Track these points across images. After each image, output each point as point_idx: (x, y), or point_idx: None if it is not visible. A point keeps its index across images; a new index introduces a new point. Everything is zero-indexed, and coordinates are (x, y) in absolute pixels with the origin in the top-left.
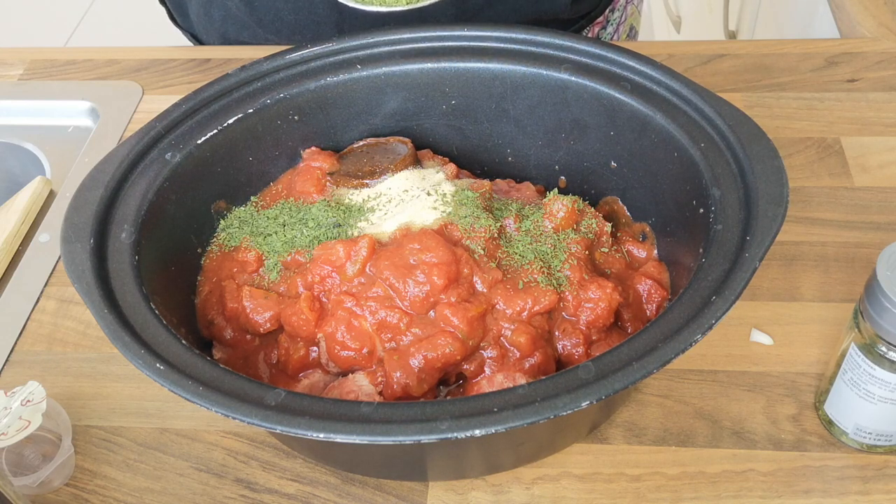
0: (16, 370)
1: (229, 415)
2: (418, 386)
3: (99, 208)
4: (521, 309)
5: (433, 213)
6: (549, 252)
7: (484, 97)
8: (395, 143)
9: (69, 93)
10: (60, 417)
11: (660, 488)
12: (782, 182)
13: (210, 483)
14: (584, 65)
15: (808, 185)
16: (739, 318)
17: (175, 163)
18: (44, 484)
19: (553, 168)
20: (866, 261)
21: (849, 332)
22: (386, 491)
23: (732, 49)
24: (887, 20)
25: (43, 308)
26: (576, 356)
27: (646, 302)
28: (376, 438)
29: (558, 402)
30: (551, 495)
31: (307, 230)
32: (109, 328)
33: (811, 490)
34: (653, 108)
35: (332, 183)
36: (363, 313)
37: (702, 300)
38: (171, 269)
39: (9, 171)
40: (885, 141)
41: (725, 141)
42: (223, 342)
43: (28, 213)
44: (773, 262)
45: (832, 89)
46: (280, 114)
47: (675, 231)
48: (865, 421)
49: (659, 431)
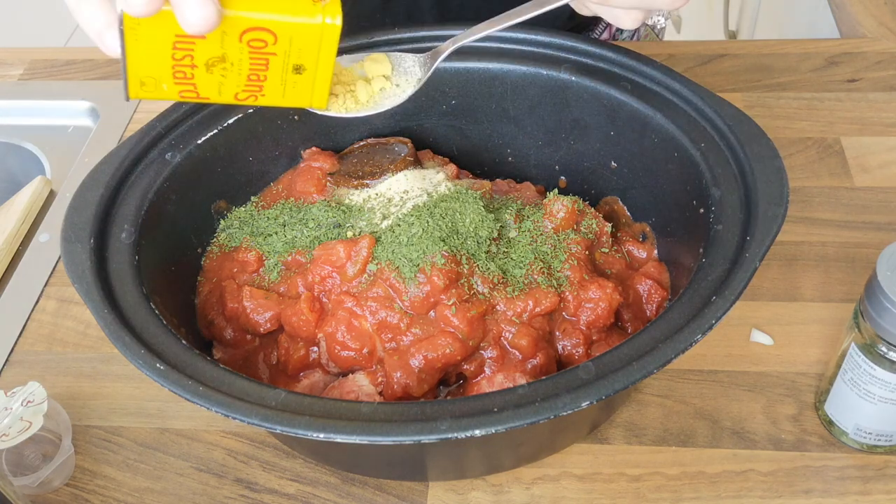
0: (16, 370)
1: (229, 415)
2: (418, 386)
3: (99, 208)
4: (522, 310)
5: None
6: (549, 252)
7: (484, 97)
8: (395, 143)
9: (69, 93)
10: (60, 417)
11: (660, 488)
12: (782, 182)
13: (210, 483)
14: (584, 65)
15: (809, 185)
16: (739, 318)
17: (175, 163)
18: (44, 484)
19: (553, 168)
20: (866, 261)
21: (849, 332)
22: (386, 491)
23: (732, 49)
24: (887, 20)
25: (43, 308)
26: (576, 356)
27: (646, 302)
28: (376, 438)
29: (558, 402)
30: (551, 495)
31: (307, 230)
32: (109, 328)
33: (811, 490)
34: (653, 108)
35: (333, 183)
36: (363, 313)
37: (702, 300)
38: (172, 269)
39: (9, 171)
40: (885, 141)
41: (725, 141)
42: (223, 342)
43: (28, 213)
44: (773, 262)
45: (832, 89)
46: (280, 114)
47: (676, 231)
48: (865, 421)
49: (659, 431)
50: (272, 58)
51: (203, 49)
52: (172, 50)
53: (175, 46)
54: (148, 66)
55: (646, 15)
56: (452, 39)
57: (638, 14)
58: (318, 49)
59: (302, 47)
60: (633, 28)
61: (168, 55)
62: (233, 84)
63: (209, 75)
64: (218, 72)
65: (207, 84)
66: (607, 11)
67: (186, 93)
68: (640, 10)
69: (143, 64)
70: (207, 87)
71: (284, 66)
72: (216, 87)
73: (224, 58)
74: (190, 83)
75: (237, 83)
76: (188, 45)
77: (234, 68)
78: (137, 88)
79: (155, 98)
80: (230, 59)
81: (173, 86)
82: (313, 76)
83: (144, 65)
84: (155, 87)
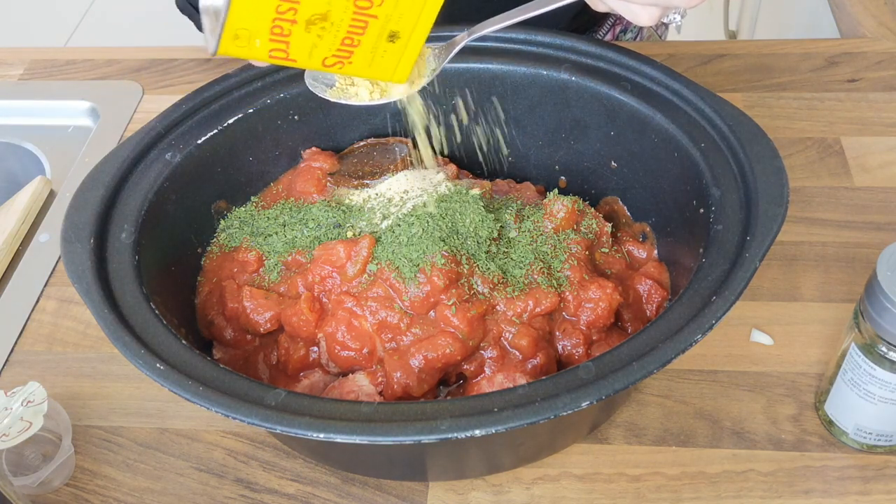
0: (16, 370)
1: (229, 415)
2: (418, 386)
3: (99, 208)
4: (522, 310)
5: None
6: (549, 252)
7: (484, 97)
8: (395, 143)
9: (69, 93)
10: (60, 417)
11: (660, 488)
12: (782, 182)
13: (210, 483)
14: (584, 65)
15: (809, 185)
16: (739, 318)
17: (175, 163)
18: (44, 484)
19: (553, 168)
20: (866, 261)
21: (849, 332)
22: (386, 491)
23: (732, 49)
24: (887, 20)
25: (43, 308)
26: (576, 356)
27: (646, 302)
28: (376, 438)
29: (558, 402)
30: (551, 495)
31: (307, 230)
32: (109, 328)
33: (811, 490)
34: (653, 108)
35: (333, 183)
36: (363, 313)
37: (702, 300)
38: (172, 269)
39: (9, 171)
40: (885, 141)
41: (726, 141)
42: (223, 342)
43: (28, 213)
44: (773, 262)
45: (832, 89)
46: (280, 114)
47: (676, 231)
48: (866, 421)
49: (659, 431)
50: (372, 21)
51: (309, 3)
52: (279, 1)
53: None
54: (250, 16)
55: (663, 12)
56: (468, 31)
57: (655, 10)
58: (418, 16)
59: (404, 13)
60: (650, 25)
61: (273, 6)
62: (326, 46)
63: (306, 34)
64: (316, 31)
65: (301, 44)
66: (624, 7)
67: (276, 52)
68: (658, 7)
69: (245, 13)
70: (300, 48)
71: (381, 31)
72: (308, 49)
73: (326, 16)
74: (284, 41)
75: (331, 46)
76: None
77: (332, 28)
78: (229, 42)
79: (241, 55)
80: (332, 17)
81: (267, 42)
82: (404, 46)
83: (246, 14)
84: (248, 42)
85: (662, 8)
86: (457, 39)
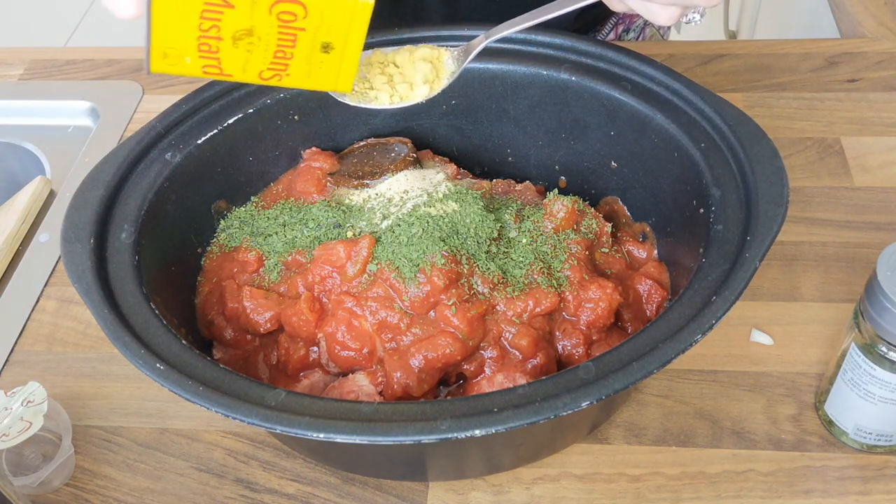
0: (16, 370)
1: (229, 415)
2: (418, 386)
3: (99, 208)
4: (522, 310)
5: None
6: (549, 252)
7: (484, 97)
8: (395, 143)
9: (69, 93)
10: (60, 417)
11: (660, 488)
12: (782, 182)
13: (210, 483)
14: (584, 65)
15: (809, 185)
16: (739, 318)
17: (175, 163)
18: (44, 484)
19: (553, 168)
20: (866, 261)
21: (849, 332)
22: (386, 491)
23: (732, 49)
24: (887, 20)
25: (43, 308)
26: (576, 356)
27: (646, 302)
28: (376, 438)
29: (558, 402)
30: (551, 495)
31: (307, 230)
32: (109, 328)
33: (811, 490)
34: (653, 108)
35: (333, 183)
36: (363, 313)
37: (702, 300)
38: (172, 269)
39: (9, 171)
40: (885, 141)
41: (726, 141)
42: (223, 342)
43: (28, 213)
44: (773, 262)
45: (832, 89)
46: (280, 114)
47: (676, 231)
48: (866, 421)
49: (659, 431)
50: (301, 34)
51: (231, 20)
52: (200, 19)
53: (203, 15)
54: (173, 35)
55: (682, 11)
56: (485, 34)
57: (675, 10)
58: (348, 27)
59: (332, 23)
60: (670, 24)
61: (195, 24)
62: (258, 61)
63: (235, 50)
64: (244, 46)
65: (232, 59)
66: (643, 6)
67: (209, 69)
68: (678, 7)
69: (168, 33)
70: (232, 63)
71: (313, 43)
72: (241, 64)
73: (252, 31)
74: (214, 57)
75: (263, 60)
76: (216, 15)
77: (260, 43)
78: (160, 60)
79: (177, 73)
80: (258, 32)
81: (197, 59)
82: (341, 57)
83: (170, 34)
84: (178, 59)
85: (682, 7)
86: (475, 42)
